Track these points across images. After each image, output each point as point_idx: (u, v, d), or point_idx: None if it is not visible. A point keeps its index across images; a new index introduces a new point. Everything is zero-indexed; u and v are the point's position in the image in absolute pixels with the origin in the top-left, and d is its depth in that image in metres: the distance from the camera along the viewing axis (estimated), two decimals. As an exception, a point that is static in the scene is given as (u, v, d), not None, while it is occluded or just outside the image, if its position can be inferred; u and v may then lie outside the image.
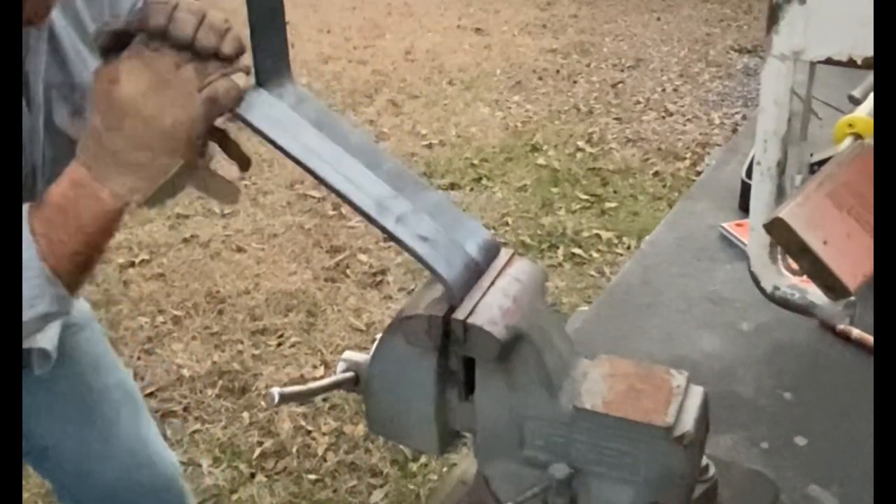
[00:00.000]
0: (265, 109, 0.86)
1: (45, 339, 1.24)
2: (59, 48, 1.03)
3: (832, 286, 0.81)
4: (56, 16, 1.02)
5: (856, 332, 1.26)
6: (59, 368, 1.30)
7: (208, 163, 0.98)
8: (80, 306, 1.40)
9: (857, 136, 1.45)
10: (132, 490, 1.43)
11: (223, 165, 0.99)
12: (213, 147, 0.97)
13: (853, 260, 0.80)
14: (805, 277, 0.85)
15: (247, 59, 0.88)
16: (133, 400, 1.47)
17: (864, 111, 1.46)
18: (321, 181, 0.84)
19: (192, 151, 0.87)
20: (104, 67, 0.85)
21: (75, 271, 0.89)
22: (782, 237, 0.82)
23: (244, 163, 0.98)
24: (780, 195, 0.87)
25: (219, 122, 0.90)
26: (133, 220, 3.59)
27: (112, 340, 2.96)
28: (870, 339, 1.26)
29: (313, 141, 0.86)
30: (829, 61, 0.76)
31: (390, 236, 0.82)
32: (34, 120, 1.02)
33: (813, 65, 0.81)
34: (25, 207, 0.88)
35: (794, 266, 0.86)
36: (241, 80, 0.86)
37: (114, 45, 0.85)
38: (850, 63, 0.75)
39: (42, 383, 1.29)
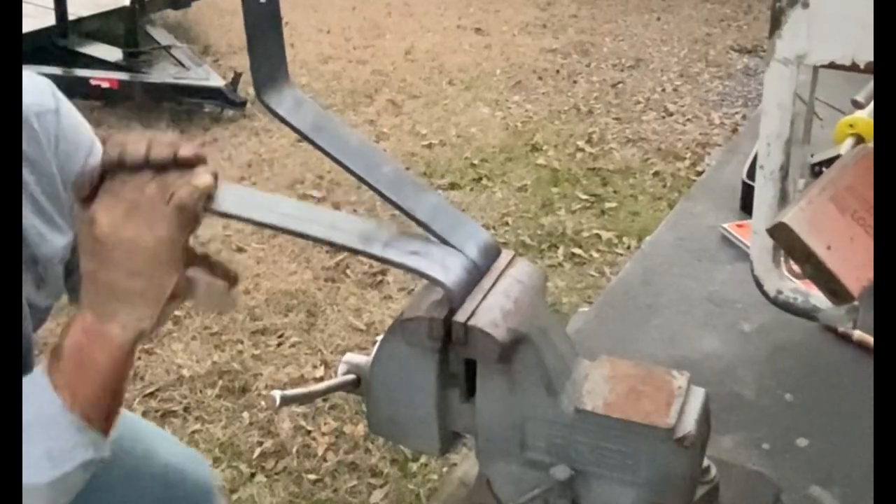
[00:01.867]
0: (235, 198, 0.90)
1: None
2: None
3: (836, 291, 0.81)
4: None
5: (857, 334, 1.26)
6: None
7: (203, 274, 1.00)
8: None
9: (858, 137, 1.45)
10: (141, 491, 1.39)
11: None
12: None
13: (856, 264, 0.80)
14: (808, 281, 0.85)
15: (209, 161, 0.91)
16: (131, 420, 1.43)
17: (865, 113, 1.46)
18: (306, 237, 0.86)
19: (180, 264, 0.90)
20: (82, 214, 0.89)
21: (104, 414, 0.92)
22: (785, 242, 0.82)
23: (232, 279, 1.00)
24: (783, 199, 0.87)
25: (195, 244, 0.93)
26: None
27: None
28: (871, 340, 1.25)
29: (286, 206, 0.89)
30: (832, 65, 0.76)
31: (382, 261, 0.84)
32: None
33: (816, 69, 0.81)
34: (42, 364, 0.91)
35: (797, 270, 0.86)
36: (206, 179, 0.88)
37: (91, 193, 0.89)
38: (854, 67, 0.74)
39: None
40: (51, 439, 0.88)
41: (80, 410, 0.90)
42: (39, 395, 0.89)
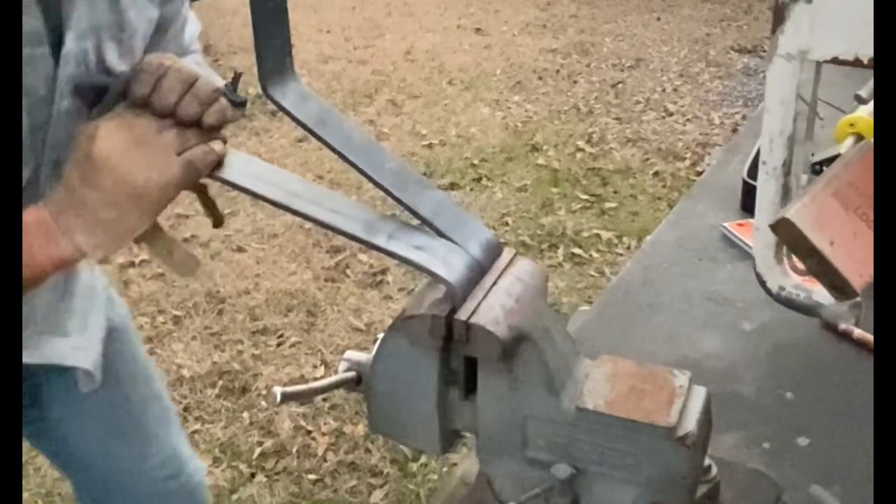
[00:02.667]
0: (243, 167, 0.90)
1: (88, 360, 1.23)
2: None
3: (839, 286, 0.81)
4: None
5: (857, 332, 1.26)
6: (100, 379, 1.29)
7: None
8: (119, 311, 1.37)
9: (859, 136, 1.45)
10: (159, 502, 1.43)
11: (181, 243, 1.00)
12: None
13: (859, 260, 0.80)
14: (810, 277, 0.85)
15: (226, 129, 0.92)
16: (167, 410, 1.46)
17: (867, 111, 1.46)
18: (309, 219, 0.86)
19: (158, 213, 0.89)
20: (85, 125, 0.87)
21: None
22: (789, 237, 0.81)
23: (218, 220, 1.00)
24: (786, 195, 0.87)
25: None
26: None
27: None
28: (871, 338, 1.25)
29: (293, 184, 0.89)
30: (835, 61, 0.76)
31: (385, 252, 0.84)
32: (63, 69, 0.96)
33: (819, 64, 0.81)
34: None
35: (800, 266, 0.86)
36: (218, 146, 0.89)
37: (96, 99, 0.88)
38: (857, 63, 0.74)
39: (76, 391, 1.27)
40: None
41: None
42: None
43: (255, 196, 0.88)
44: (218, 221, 1.01)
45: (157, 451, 1.41)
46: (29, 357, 1.13)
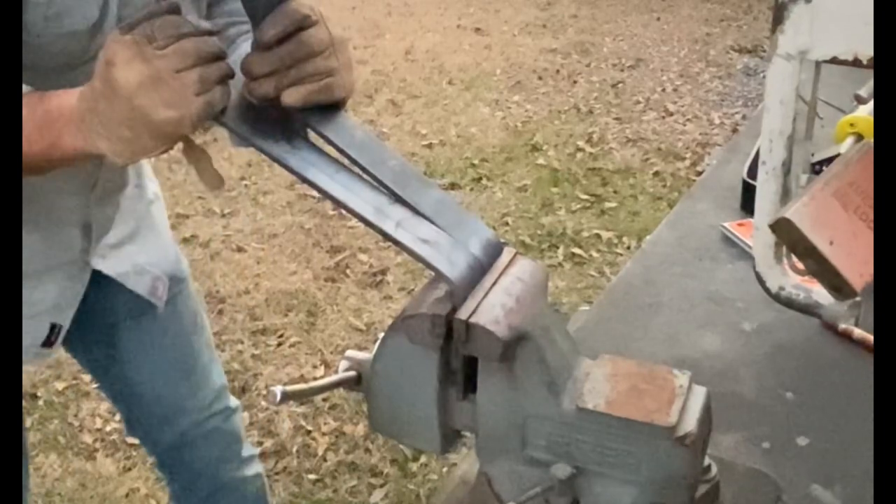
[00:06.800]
0: (262, 117, 0.88)
1: (156, 297, 1.36)
2: None
3: (838, 286, 0.81)
4: None
5: (857, 332, 1.26)
6: (166, 323, 1.43)
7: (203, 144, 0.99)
8: (185, 267, 1.48)
9: (859, 136, 1.45)
10: (203, 437, 1.55)
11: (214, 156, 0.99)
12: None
13: (859, 260, 0.80)
14: (810, 277, 0.85)
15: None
16: (214, 355, 1.58)
17: (867, 110, 1.46)
18: (319, 190, 0.85)
19: (175, 143, 0.89)
20: (111, 38, 0.85)
21: (27, 167, 0.94)
22: (788, 237, 0.81)
23: (217, 180, 0.99)
24: (786, 195, 0.87)
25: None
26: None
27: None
28: (871, 338, 1.25)
29: (309, 152, 0.87)
30: (834, 60, 0.76)
31: (391, 240, 0.83)
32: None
33: (818, 64, 0.81)
34: (29, 90, 0.92)
35: (799, 266, 0.86)
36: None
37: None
38: (856, 63, 0.74)
39: (150, 336, 1.43)
40: None
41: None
42: None
43: (265, 153, 0.86)
44: (218, 182, 0.98)
45: (206, 391, 1.54)
46: (110, 268, 1.27)
